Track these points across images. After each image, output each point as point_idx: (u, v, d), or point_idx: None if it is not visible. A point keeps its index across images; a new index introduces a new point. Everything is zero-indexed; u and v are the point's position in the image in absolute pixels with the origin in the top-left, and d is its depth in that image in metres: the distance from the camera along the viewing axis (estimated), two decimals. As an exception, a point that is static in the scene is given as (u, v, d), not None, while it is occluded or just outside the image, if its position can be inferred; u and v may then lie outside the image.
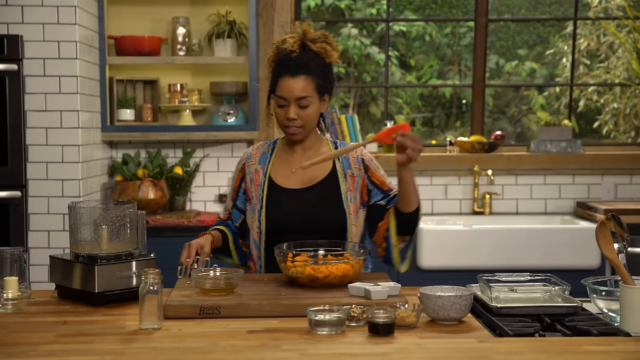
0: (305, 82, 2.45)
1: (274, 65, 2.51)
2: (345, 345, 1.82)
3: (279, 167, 2.58)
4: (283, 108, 2.49)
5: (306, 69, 2.45)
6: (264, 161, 2.60)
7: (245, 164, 2.63)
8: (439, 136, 6.09)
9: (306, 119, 2.49)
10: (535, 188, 4.56)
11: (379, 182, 2.57)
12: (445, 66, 6.23)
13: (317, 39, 2.49)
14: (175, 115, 4.42)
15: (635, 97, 5.73)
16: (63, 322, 2.05)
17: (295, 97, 2.45)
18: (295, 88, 2.45)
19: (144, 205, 4.09)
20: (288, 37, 2.49)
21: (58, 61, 3.72)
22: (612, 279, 2.16)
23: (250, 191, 2.58)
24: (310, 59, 2.46)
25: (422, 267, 3.93)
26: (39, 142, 3.74)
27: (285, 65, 2.46)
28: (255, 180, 2.57)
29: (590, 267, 3.94)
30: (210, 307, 2.07)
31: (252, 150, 2.65)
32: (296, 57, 2.45)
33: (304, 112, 2.48)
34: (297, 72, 2.45)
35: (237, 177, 2.64)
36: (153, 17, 4.37)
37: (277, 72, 2.48)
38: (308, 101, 2.47)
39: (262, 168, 2.58)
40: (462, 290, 2.06)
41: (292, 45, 2.46)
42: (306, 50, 2.47)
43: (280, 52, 2.49)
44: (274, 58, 2.52)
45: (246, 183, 2.60)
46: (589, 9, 5.47)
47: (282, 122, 2.51)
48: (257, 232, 2.53)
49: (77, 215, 2.26)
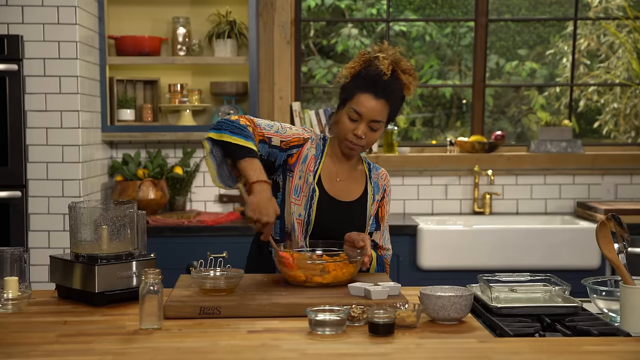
0: (383, 107, 2.44)
1: (357, 78, 2.46)
2: (345, 345, 1.82)
3: (327, 170, 2.55)
4: (354, 122, 2.46)
5: (390, 96, 2.44)
6: (317, 154, 2.55)
7: (309, 140, 2.55)
8: (439, 136, 6.08)
9: (370, 141, 2.49)
10: (536, 188, 4.56)
11: (381, 215, 2.61)
12: (445, 66, 6.23)
13: (407, 70, 2.48)
14: (176, 115, 4.42)
15: (635, 97, 5.73)
16: (63, 322, 2.05)
17: (370, 117, 2.44)
18: (374, 109, 2.43)
19: (144, 205, 4.09)
20: (382, 56, 2.45)
21: (58, 61, 3.72)
22: (612, 279, 2.16)
23: (296, 167, 2.50)
24: (396, 87, 2.46)
25: (422, 267, 3.93)
26: (39, 142, 3.74)
27: (373, 83, 2.43)
28: (309, 165, 2.52)
29: (590, 267, 3.94)
30: (211, 307, 2.07)
31: (313, 135, 2.58)
32: (386, 82, 2.43)
33: (371, 134, 2.47)
34: (382, 95, 2.43)
35: (296, 139, 2.51)
36: (153, 17, 4.37)
37: (361, 86, 2.44)
38: (379, 125, 2.47)
39: (315, 160, 2.54)
40: (462, 290, 2.06)
41: (386, 68, 2.43)
42: (395, 78, 2.45)
43: (369, 68, 2.45)
44: (360, 70, 2.47)
45: (299, 155, 2.51)
46: (589, 9, 5.47)
47: (347, 135, 2.47)
48: (299, 220, 2.48)
49: (78, 215, 2.26)
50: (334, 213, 2.51)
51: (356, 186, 2.58)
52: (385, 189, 2.62)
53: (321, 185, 2.52)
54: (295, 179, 2.50)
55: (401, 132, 5.82)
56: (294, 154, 2.51)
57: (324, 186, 2.52)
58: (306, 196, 2.49)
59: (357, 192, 2.57)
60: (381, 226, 2.60)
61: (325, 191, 2.52)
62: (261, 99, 4.44)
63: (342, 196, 2.54)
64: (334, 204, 2.52)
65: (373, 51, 2.49)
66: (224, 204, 4.48)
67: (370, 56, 2.48)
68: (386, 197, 2.62)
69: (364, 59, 2.49)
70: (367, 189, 2.58)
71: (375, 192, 2.59)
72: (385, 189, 2.62)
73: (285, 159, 2.51)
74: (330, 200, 2.52)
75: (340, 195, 2.54)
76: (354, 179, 2.58)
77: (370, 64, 2.46)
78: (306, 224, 2.48)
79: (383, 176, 2.63)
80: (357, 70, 2.48)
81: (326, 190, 2.52)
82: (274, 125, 2.51)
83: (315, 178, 2.51)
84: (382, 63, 2.43)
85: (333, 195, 2.53)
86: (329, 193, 2.52)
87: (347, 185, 2.56)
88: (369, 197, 2.57)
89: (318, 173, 2.53)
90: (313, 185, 2.49)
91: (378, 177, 2.62)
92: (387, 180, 2.65)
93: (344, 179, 2.56)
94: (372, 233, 2.59)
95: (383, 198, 2.61)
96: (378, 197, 2.59)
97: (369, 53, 2.50)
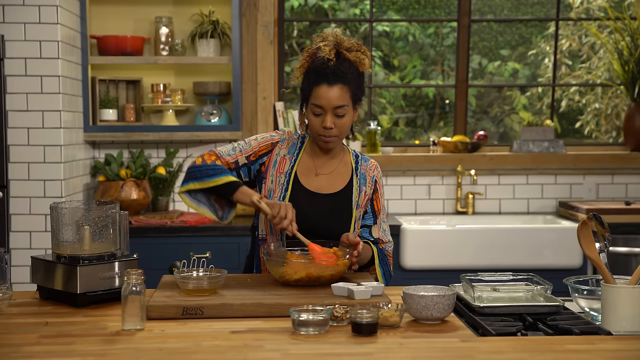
0: (342, 91, 2.44)
1: (309, 74, 2.48)
2: (328, 345, 1.82)
3: (304, 166, 2.56)
4: (319, 116, 2.47)
5: (343, 78, 2.44)
6: (292, 152, 2.57)
7: (278, 143, 2.58)
8: (422, 136, 6.10)
9: (342, 128, 2.48)
10: (518, 188, 4.58)
11: (377, 209, 2.60)
12: (428, 66, 6.24)
13: (351, 47, 2.48)
14: (158, 116, 4.40)
15: (616, 97, 5.77)
16: (45, 324, 2.03)
17: (332, 106, 2.44)
18: (333, 97, 2.43)
19: (127, 205, 4.08)
20: (322, 44, 2.46)
21: (40, 61, 3.69)
22: (594, 278, 2.18)
23: (268, 172, 2.54)
24: (347, 68, 2.45)
25: (405, 266, 3.94)
26: (20, 143, 3.71)
27: (322, 73, 2.43)
28: (280, 167, 2.55)
29: (572, 266, 3.96)
30: (193, 308, 2.07)
31: (286, 135, 2.61)
32: (333, 66, 2.43)
33: (340, 121, 2.47)
34: (335, 81, 2.43)
35: (264, 147, 2.57)
36: (136, 16, 4.35)
37: (313, 80, 2.45)
38: (344, 110, 2.46)
39: (290, 159, 2.56)
40: (445, 289, 2.06)
41: (328, 53, 2.43)
42: (342, 59, 2.45)
43: (315, 60, 2.46)
44: (308, 65, 2.49)
45: (269, 161, 2.55)
46: (570, 9, 5.50)
47: (317, 130, 2.49)
48: None
49: (59, 215, 2.25)
50: (315, 206, 2.51)
51: (339, 179, 2.58)
52: (377, 181, 2.61)
53: (298, 181, 2.53)
54: (268, 184, 2.54)
55: (384, 132, 5.83)
56: (265, 161, 2.56)
57: (301, 182, 2.53)
58: (278, 197, 2.51)
59: (340, 185, 2.57)
60: (378, 219, 2.60)
61: (302, 186, 2.53)
62: (244, 99, 4.43)
63: (323, 190, 2.55)
64: (314, 197, 2.52)
65: (315, 43, 2.51)
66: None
67: (313, 49, 2.50)
68: (379, 189, 2.62)
69: (309, 53, 2.50)
70: (353, 180, 2.58)
71: (361, 184, 2.58)
72: (376, 180, 2.61)
73: (259, 168, 2.56)
74: (310, 195, 2.52)
75: (322, 189, 2.55)
76: (337, 173, 2.58)
77: (315, 56, 2.48)
78: None
79: (372, 167, 2.63)
80: (306, 67, 2.50)
81: (304, 185, 2.53)
82: (237, 146, 2.58)
83: (291, 175, 2.52)
84: (324, 50, 2.44)
85: (312, 189, 2.53)
86: (308, 188, 2.53)
87: (330, 179, 2.56)
88: (354, 188, 2.57)
89: (294, 170, 2.54)
90: (286, 185, 2.51)
91: (367, 169, 2.61)
92: (378, 172, 2.63)
93: (326, 173, 2.57)
94: (370, 227, 2.59)
95: (376, 191, 2.60)
96: (366, 189, 2.59)
97: (311, 47, 2.51)
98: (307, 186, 2.54)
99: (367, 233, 2.59)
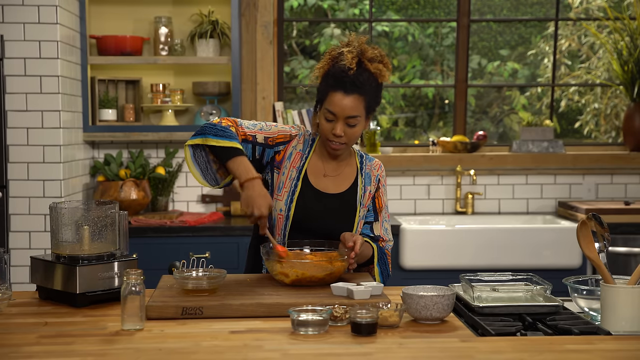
0: (357, 101, 2.42)
1: (327, 77, 2.45)
2: (328, 345, 1.82)
3: (314, 165, 2.56)
4: (330, 122, 2.45)
5: (360, 89, 2.41)
6: (304, 150, 2.56)
7: (296, 137, 2.56)
8: (422, 136, 6.10)
9: (351, 137, 2.47)
10: (517, 188, 4.58)
11: (379, 206, 2.60)
12: (427, 66, 6.24)
13: (374, 58, 2.45)
14: (158, 116, 4.40)
15: (615, 97, 5.77)
16: (44, 324, 2.03)
17: (345, 115, 2.42)
18: (347, 106, 2.41)
19: (126, 205, 4.08)
20: (345, 50, 2.43)
21: (39, 61, 3.69)
22: (593, 278, 2.18)
23: (283, 163, 2.53)
24: (366, 78, 2.42)
25: (405, 266, 3.94)
26: (19, 143, 3.71)
27: (341, 81, 2.41)
28: (294, 161, 2.54)
29: (571, 266, 3.96)
30: (193, 308, 2.07)
31: (302, 131, 2.59)
32: (353, 76, 2.40)
33: (351, 131, 2.45)
34: (352, 90, 2.40)
35: (282, 136, 2.54)
36: (135, 16, 4.35)
37: (331, 86, 2.43)
38: (357, 120, 2.44)
39: (302, 156, 2.55)
40: (445, 289, 2.06)
41: (350, 62, 2.40)
42: (362, 69, 2.42)
43: (336, 66, 2.43)
44: (328, 68, 2.46)
45: (285, 152, 2.53)
46: (570, 9, 5.50)
47: (327, 135, 2.47)
48: (280, 215, 2.50)
49: (59, 215, 2.24)
50: (320, 205, 2.51)
51: (346, 180, 2.58)
52: (380, 180, 2.61)
53: (307, 180, 2.53)
54: (280, 176, 2.52)
55: (384, 132, 5.83)
56: (281, 150, 2.53)
57: (310, 181, 2.53)
58: (287, 191, 2.50)
59: (346, 185, 2.57)
60: (379, 217, 2.60)
61: (311, 185, 2.52)
62: (244, 99, 4.43)
63: (330, 189, 2.55)
64: (320, 196, 2.52)
65: (339, 47, 2.48)
66: (207, 204, 4.46)
67: (336, 52, 2.47)
68: (381, 187, 2.62)
69: (331, 56, 2.47)
70: (358, 180, 2.58)
71: (366, 183, 2.59)
72: (379, 179, 2.61)
73: (273, 155, 2.53)
74: (316, 194, 2.52)
75: (328, 188, 2.55)
76: (344, 174, 2.58)
77: (337, 60, 2.45)
78: (285, 218, 2.48)
79: (376, 167, 2.63)
80: (326, 70, 2.47)
81: (312, 185, 2.53)
82: (258, 124, 2.54)
83: (302, 173, 2.52)
84: (346, 58, 2.41)
85: (320, 189, 2.54)
86: (316, 187, 2.53)
87: (336, 180, 2.57)
88: (359, 188, 2.57)
89: (305, 168, 2.53)
90: (296, 181, 2.50)
91: (371, 168, 2.62)
92: (381, 171, 2.63)
93: (333, 175, 2.57)
94: (371, 223, 2.59)
95: (378, 189, 2.61)
96: (370, 187, 2.59)
97: (335, 49, 2.48)
98: (315, 185, 2.54)
99: (367, 229, 2.59)
